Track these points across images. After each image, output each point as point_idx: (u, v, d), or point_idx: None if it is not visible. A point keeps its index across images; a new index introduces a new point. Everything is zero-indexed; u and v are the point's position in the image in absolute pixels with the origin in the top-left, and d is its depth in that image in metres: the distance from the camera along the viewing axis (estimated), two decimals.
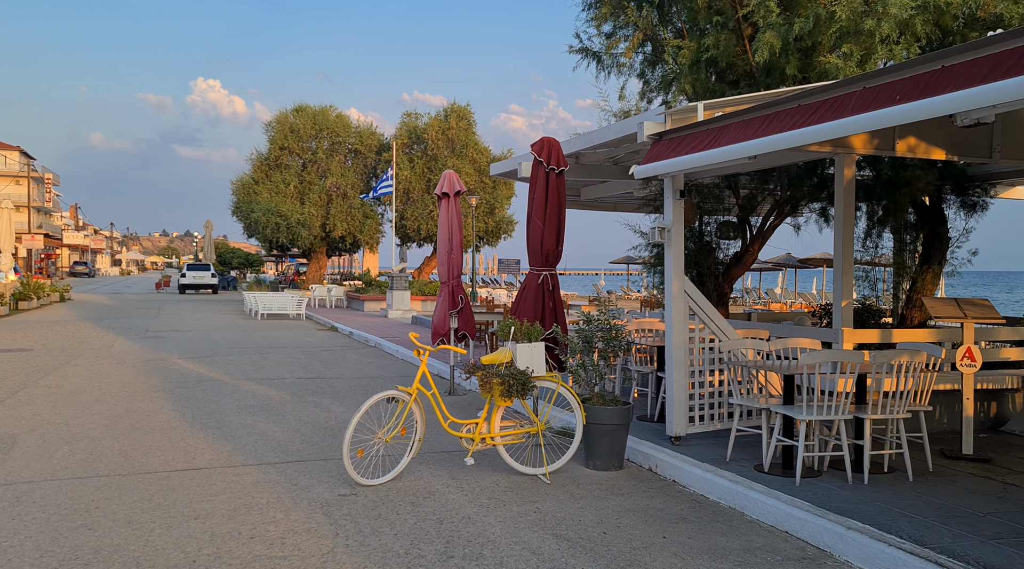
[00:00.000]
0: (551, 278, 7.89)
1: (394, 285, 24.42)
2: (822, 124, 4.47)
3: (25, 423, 7.94)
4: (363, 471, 6.20)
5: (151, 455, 6.75)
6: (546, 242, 7.78)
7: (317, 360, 13.71)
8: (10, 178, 72.91)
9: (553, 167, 7.74)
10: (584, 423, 6.36)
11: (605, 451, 6.40)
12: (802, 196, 8.95)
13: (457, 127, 33.53)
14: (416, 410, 6.05)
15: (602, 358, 6.48)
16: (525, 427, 6.31)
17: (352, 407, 9.17)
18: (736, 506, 5.38)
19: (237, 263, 63.61)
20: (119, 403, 9.14)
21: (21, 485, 5.77)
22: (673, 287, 6.70)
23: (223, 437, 7.49)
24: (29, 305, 25.94)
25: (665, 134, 6.65)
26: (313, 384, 10.91)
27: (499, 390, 6.02)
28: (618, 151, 9.17)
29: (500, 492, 5.79)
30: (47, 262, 62.83)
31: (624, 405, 6.45)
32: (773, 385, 6.82)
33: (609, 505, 5.49)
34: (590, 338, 6.43)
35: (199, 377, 11.36)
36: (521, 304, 7.82)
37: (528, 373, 6.13)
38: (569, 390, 6.34)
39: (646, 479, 6.19)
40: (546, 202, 7.76)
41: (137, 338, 16.96)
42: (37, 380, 10.75)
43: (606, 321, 6.41)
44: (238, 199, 35.13)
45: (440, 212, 10.46)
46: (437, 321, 10.38)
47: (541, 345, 6.29)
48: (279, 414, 8.68)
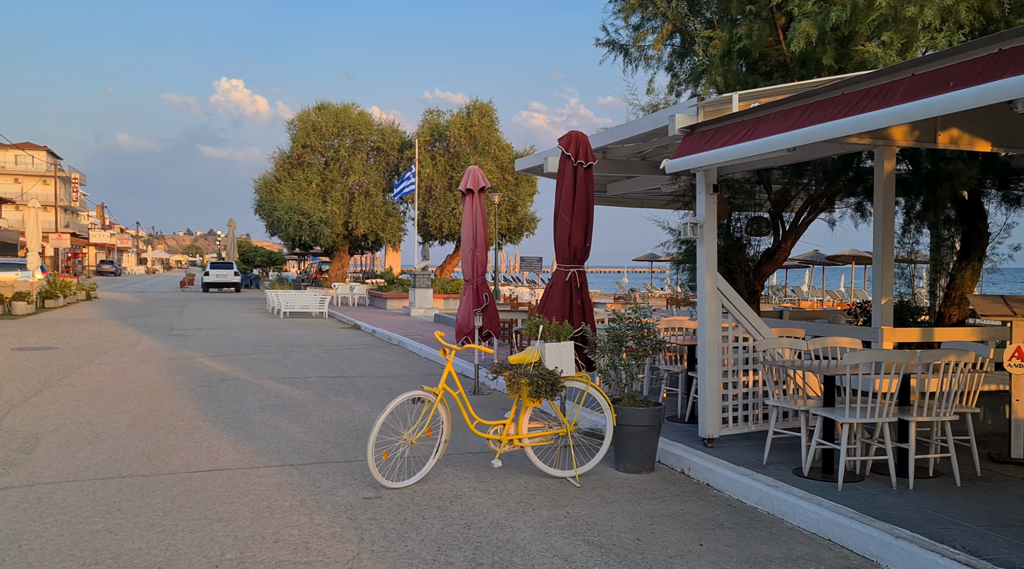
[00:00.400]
0: (579, 275, 7.71)
1: (416, 283, 24.33)
2: (870, 113, 4.25)
3: (49, 422, 7.90)
4: (388, 473, 6.06)
5: (174, 455, 6.66)
6: (574, 238, 7.60)
7: (340, 359, 13.63)
8: (38, 178, 73.94)
9: (581, 161, 7.56)
10: (614, 424, 6.17)
11: (636, 453, 6.21)
12: (838, 191, 8.69)
13: (479, 124, 33.38)
14: (442, 411, 5.89)
15: (632, 357, 6.29)
16: (554, 428, 6.14)
17: (376, 407, 9.05)
18: (775, 512, 5.17)
19: (260, 261, 64.01)
20: (143, 402, 9.09)
21: (43, 486, 5.70)
22: (706, 284, 6.49)
23: (246, 437, 7.39)
24: (55, 303, 26.17)
25: (697, 127, 6.44)
26: (336, 383, 10.81)
27: (527, 391, 5.85)
28: (646, 146, 8.96)
29: (528, 495, 5.62)
30: (74, 261, 63.60)
31: (655, 406, 6.25)
32: (811, 386, 6.58)
33: (642, 510, 5.30)
34: (621, 337, 6.23)
35: (222, 376, 11.31)
36: (548, 302, 7.64)
37: (557, 373, 5.95)
38: (599, 391, 6.16)
39: (679, 482, 5.99)
40: (574, 197, 7.58)
41: (161, 336, 17.00)
42: (62, 378, 10.75)
43: (637, 319, 6.21)
44: (261, 197, 35.24)
45: (464, 209, 10.30)
46: (461, 319, 10.24)
47: (570, 344, 6.11)
48: (302, 414, 8.58)
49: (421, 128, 34.50)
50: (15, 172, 74.88)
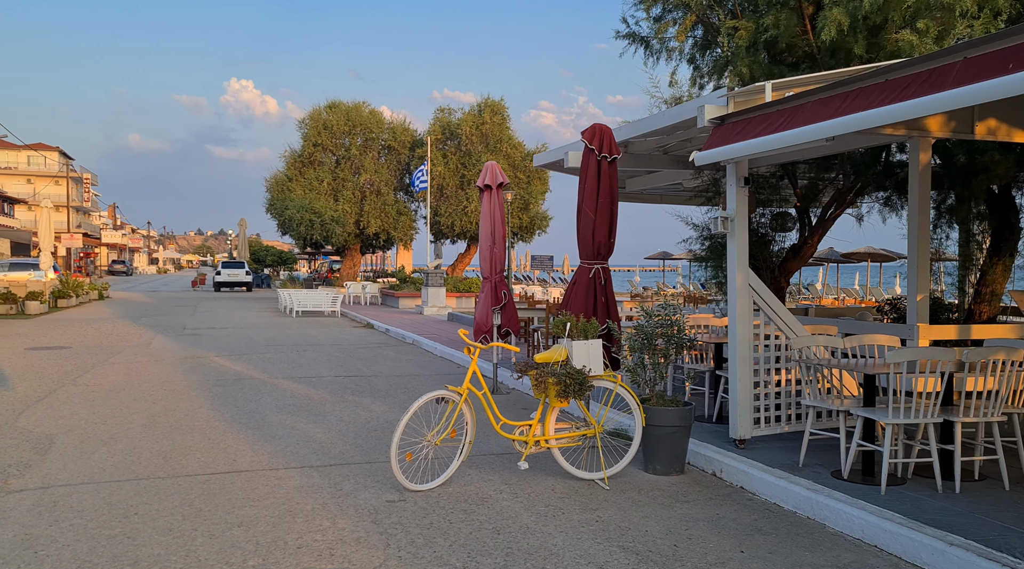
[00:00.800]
0: (603, 272, 7.52)
1: (429, 281, 24.18)
2: (925, 97, 4.04)
3: (63, 423, 7.77)
4: (411, 475, 5.89)
5: (191, 457, 6.51)
6: (598, 234, 7.41)
7: (355, 358, 13.48)
8: (50, 178, 74.26)
9: (605, 155, 7.37)
10: (643, 425, 5.98)
11: (666, 455, 6.02)
12: (867, 184, 8.46)
13: (491, 122, 33.20)
14: (467, 411, 5.72)
15: (662, 356, 6.09)
16: (581, 429, 5.95)
17: (394, 406, 8.89)
18: (816, 517, 4.97)
19: (271, 261, 64.04)
20: (157, 402, 8.96)
21: (58, 489, 5.55)
22: (737, 281, 6.28)
23: (263, 438, 7.24)
24: (68, 303, 26.16)
25: (727, 118, 6.24)
26: (352, 383, 10.65)
27: (555, 390, 5.66)
28: (670, 139, 8.76)
29: (557, 499, 5.44)
30: (86, 261, 63.82)
31: (685, 406, 6.06)
32: (847, 386, 6.37)
33: (676, 514, 5.11)
34: (650, 335, 6.04)
35: (237, 375, 11.17)
36: (572, 299, 7.45)
37: (585, 372, 5.76)
38: (627, 390, 5.97)
39: (711, 485, 5.80)
40: (598, 192, 7.38)
41: (174, 335, 16.90)
42: (75, 378, 10.64)
43: (667, 316, 6.01)
44: (272, 196, 35.17)
45: (482, 205, 10.13)
46: (480, 318, 10.07)
47: (598, 342, 5.92)
48: (319, 414, 8.42)
49: (432, 126, 34.34)
50: (28, 172, 75.26)
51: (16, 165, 74.83)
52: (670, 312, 6.05)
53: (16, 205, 68.49)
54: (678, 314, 6.07)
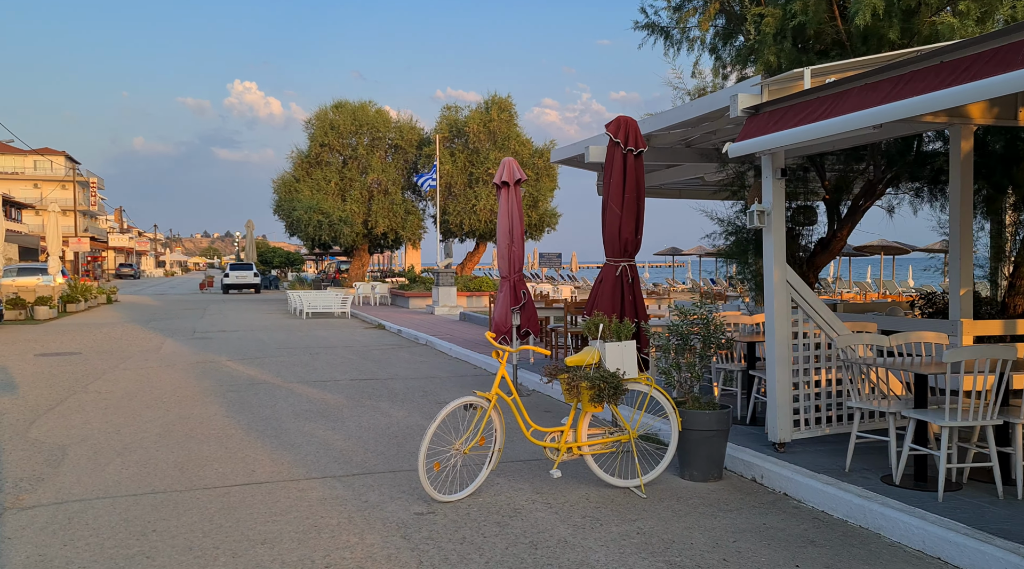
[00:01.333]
0: (630, 269, 7.25)
1: (440, 281, 23.95)
2: (993, 78, 3.76)
3: (75, 433, 7.55)
4: (440, 486, 5.64)
5: (208, 468, 6.27)
6: (624, 230, 7.15)
7: (369, 360, 13.25)
8: (57, 183, 74.29)
9: (631, 148, 7.10)
10: (679, 429, 5.72)
11: (703, 460, 5.76)
12: (900, 174, 8.17)
13: (499, 119, 32.91)
14: (496, 417, 5.47)
15: (699, 357, 5.83)
16: (615, 435, 5.70)
17: (413, 411, 8.64)
18: (870, 526, 4.70)
19: (278, 262, 63.93)
20: (171, 409, 8.74)
21: (72, 504, 5.32)
22: (774, 276, 6.01)
23: (282, 446, 7.00)
24: (77, 307, 26.02)
25: (762, 107, 5.97)
26: (368, 386, 10.42)
27: (588, 395, 5.41)
28: (694, 132, 8.50)
29: (593, 509, 5.19)
30: (94, 265, 63.82)
31: (722, 409, 5.80)
32: (891, 386, 6.09)
33: (720, 524, 4.85)
34: (685, 334, 5.78)
35: (250, 380, 10.95)
36: (598, 298, 7.20)
37: (619, 375, 5.50)
38: (662, 393, 5.71)
39: (753, 492, 5.54)
40: (624, 187, 7.12)
41: (185, 339, 16.70)
42: (86, 385, 10.43)
43: (704, 315, 5.75)
44: (280, 197, 34.99)
45: (499, 202, 9.88)
46: (498, 318, 9.82)
47: (632, 344, 5.66)
48: (337, 420, 8.19)
49: (440, 124, 34.08)
50: (34, 177, 75.32)
51: (23, 170, 74.90)
52: (706, 310, 5.78)
53: (24, 210, 68.55)
54: (714, 312, 5.80)
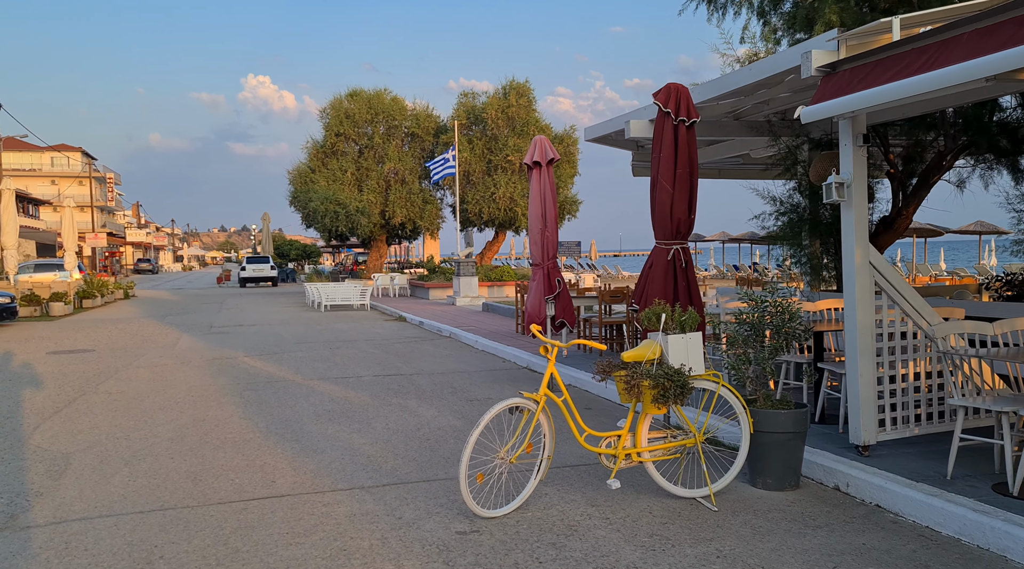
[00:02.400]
0: (683, 252, 6.57)
1: (461, 271, 23.32)
2: None
3: (82, 438, 6.99)
4: (483, 499, 5.01)
5: (223, 478, 5.68)
6: (676, 210, 6.46)
7: (392, 354, 12.65)
8: (73, 179, 74.35)
9: (683, 118, 6.40)
10: (751, 431, 5.06)
11: (779, 466, 5.09)
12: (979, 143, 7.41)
13: (517, 105, 32.14)
14: (544, 421, 4.82)
15: (773, 350, 5.15)
16: (679, 439, 5.03)
17: (444, 410, 8.02)
18: (991, 547, 4.01)
19: (295, 255, 63.64)
20: (185, 411, 8.17)
21: (72, 524, 4.74)
22: (855, 257, 5.31)
23: (304, 452, 6.40)
24: (93, 303, 25.65)
25: (840, 65, 5.26)
26: (393, 382, 9.81)
27: (651, 395, 4.75)
28: (744, 102, 7.78)
29: (659, 525, 4.53)
30: (111, 260, 63.82)
31: (799, 407, 5.12)
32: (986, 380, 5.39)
33: (812, 545, 4.18)
34: (758, 325, 5.10)
35: (268, 377, 10.38)
36: (648, 285, 6.52)
37: (685, 372, 4.84)
38: (732, 391, 5.04)
39: (839, 503, 4.86)
40: (675, 161, 6.43)
41: (201, 335, 16.19)
42: (97, 385, 9.89)
43: (778, 303, 5.07)
44: (295, 189, 34.43)
45: (531, 184, 9.21)
46: (532, 308, 9.17)
47: (698, 336, 4.99)
48: (362, 420, 7.58)
49: (457, 111, 33.35)
50: (51, 174, 75.44)
51: (40, 167, 75.02)
52: (781, 296, 5.10)
53: (41, 206, 68.65)
54: (791, 300, 5.11)
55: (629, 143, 10.51)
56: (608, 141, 10.09)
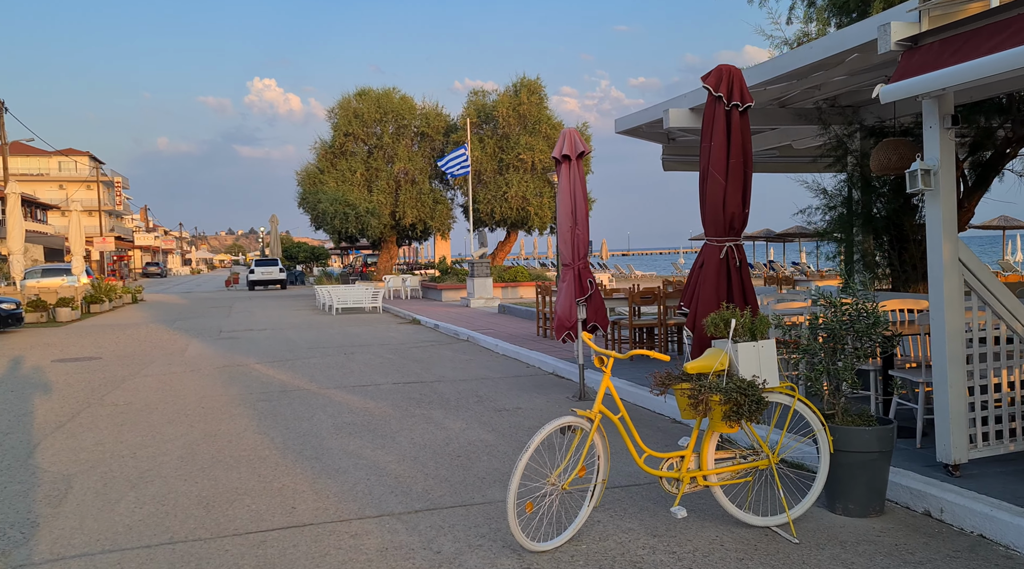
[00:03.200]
0: (737, 250, 6.00)
1: (475, 272, 22.77)
2: None
3: (85, 457, 6.47)
4: (532, 530, 4.46)
5: (239, 504, 5.14)
6: (730, 203, 5.89)
7: (409, 359, 12.11)
8: (81, 183, 74.17)
9: (736, 103, 5.84)
10: (831, 451, 4.49)
11: (862, 490, 4.52)
12: None
13: (529, 102, 31.58)
14: (599, 442, 4.27)
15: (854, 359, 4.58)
16: (750, 460, 4.47)
17: (471, 422, 7.47)
18: None
19: (303, 257, 63.23)
20: (195, 425, 7.64)
21: (70, 561, 4.21)
22: (943, 254, 4.74)
23: (325, 472, 5.86)
24: (101, 308, 25.22)
25: (923, 38, 4.68)
26: (414, 391, 9.27)
27: (721, 411, 4.19)
28: (793, 87, 7.21)
29: (736, 562, 3.97)
30: (120, 264, 63.57)
31: (884, 423, 4.55)
32: None
33: None
34: (837, 332, 4.53)
35: (282, 386, 9.85)
36: (700, 286, 5.96)
37: (759, 385, 4.28)
38: (809, 406, 4.48)
39: (935, 533, 4.29)
40: (728, 150, 5.86)
41: (211, 340, 15.69)
42: (103, 396, 9.38)
43: (859, 308, 4.49)
44: (304, 190, 33.95)
45: (559, 179, 8.65)
46: (562, 311, 8.61)
47: (771, 344, 4.43)
48: (385, 434, 7.04)
49: (467, 109, 32.82)
50: (59, 178, 75.24)
51: (48, 171, 74.83)
52: (864, 299, 4.53)
53: (49, 211, 68.44)
54: (874, 304, 4.55)
55: (660, 136, 9.96)
56: (639, 133, 9.53)
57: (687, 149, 10.14)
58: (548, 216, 32.29)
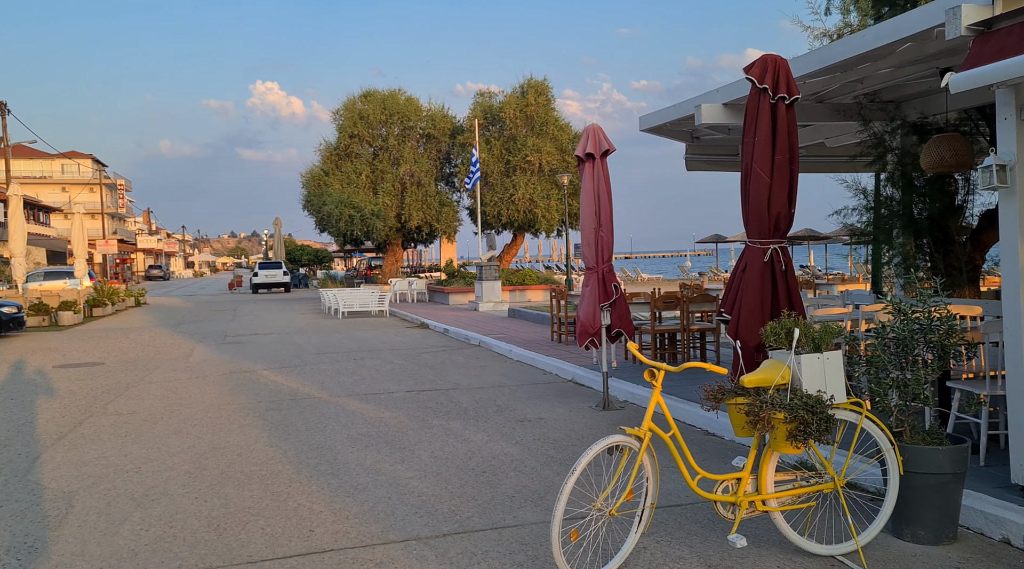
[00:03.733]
0: (782, 253, 5.62)
1: (483, 275, 22.40)
2: None
3: (87, 472, 6.10)
4: (576, 561, 4.08)
5: (252, 526, 4.77)
6: (775, 203, 5.52)
7: (421, 365, 11.74)
8: (84, 186, 73.93)
9: (783, 95, 5.46)
10: (901, 472, 4.11)
11: (933, 514, 4.14)
12: None
13: (536, 103, 31.23)
14: (648, 463, 3.90)
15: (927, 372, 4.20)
16: (812, 482, 4.09)
17: (493, 434, 7.09)
18: None
19: (307, 260, 62.92)
20: (203, 436, 7.27)
21: None
22: (1020, 257, 4.36)
23: (343, 490, 5.48)
24: (104, 311, 24.89)
25: (997, 22, 4.31)
26: (430, 399, 8.89)
27: (785, 430, 3.81)
28: (833, 82, 6.83)
29: None
30: (123, 267, 63.28)
31: (957, 443, 4.17)
32: None
33: None
34: (908, 341, 4.15)
35: (292, 394, 9.48)
36: (743, 291, 5.58)
37: (826, 402, 3.90)
38: (878, 423, 4.10)
39: (1018, 564, 3.90)
40: (773, 146, 5.49)
41: (216, 345, 15.33)
42: (105, 405, 9.01)
43: (931, 315, 4.11)
44: (309, 192, 33.61)
45: (583, 179, 8.28)
46: (585, 317, 8.24)
47: (838, 356, 4.05)
48: (404, 447, 6.67)
49: (474, 111, 32.46)
50: (62, 181, 74.98)
51: (50, 174, 74.59)
52: (939, 306, 4.14)
53: (51, 214, 68.20)
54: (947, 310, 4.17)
55: (684, 134, 9.59)
56: (663, 131, 9.16)
57: (712, 148, 9.77)
58: (555, 218, 31.95)
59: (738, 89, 6.77)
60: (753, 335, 5.52)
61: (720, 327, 10.59)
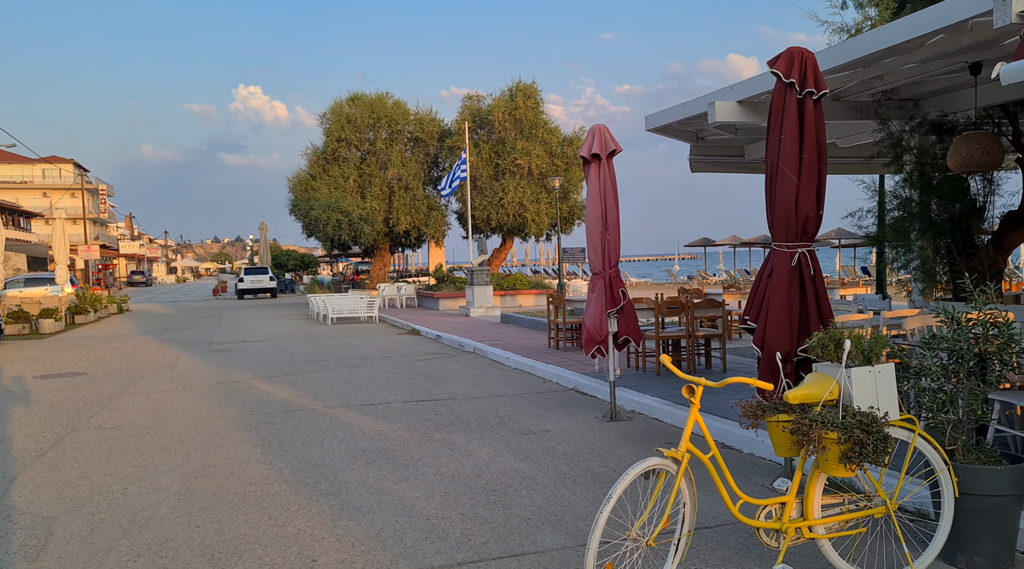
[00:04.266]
0: (810, 257, 5.32)
1: (474, 280, 22.04)
2: None
3: (68, 494, 5.70)
4: None
5: (249, 555, 4.40)
6: (803, 204, 5.21)
7: (416, 374, 11.37)
8: (66, 191, 72.91)
9: (811, 90, 5.16)
10: (956, 494, 3.81)
11: (990, 540, 3.84)
12: None
13: (525, 106, 30.91)
14: (685, 488, 3.57)
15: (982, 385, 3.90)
16: (862, 506, 3.78)
17: (500, 449, 6.75)
18: None
19: (293, 265, 62.29)
20: (192, 453, 6.88)
21: None
22: None
23: (346, 512, 5.12)
24: (86, 319, 24.31)
25: None
26: (429, 410, 8.53)
27: (838, 451, 3.49)
28: (850, 78, 6.56)
29: None
30: (105, 273, 62.37)
31: (1014, 461, 3.87)
32: None
33: None
34: (961, 351, 3.85)
35: (284, 405, 9.09)
36: (769, 298, 5.27)
37: (881, 419, 3.59)
38: (931, 441, 3.80)
39: None
40: (800, 144, 5.19)
41: (202, 353, 14.88)
42: (88, 418, 8.59)
43: (999, 319, 3.82)
44: (296, 197, 33.11)
45: (588, 180, 7.96)
46: (592, 324, 7.91)
47: (891, 369, 3.74)
48: (407, 464, 6.31)
49: (462, 114, 32.11)
50: (43, 186, 73.88)
51: (31, 179, 73.49)
52: (998, 315, 3.85)
53: (32, 219, 67.17)
54: (1006, 317, 3.87)
55: (689, 134, 9.32)
56: (668, 131, 8.89)
57: (717, 149, 9.50)
58: (545, 222, 31.64)
59: (754, 86, 6.48)
60: (780, 344, 5.21)
61: (727, 334, 10.30)
